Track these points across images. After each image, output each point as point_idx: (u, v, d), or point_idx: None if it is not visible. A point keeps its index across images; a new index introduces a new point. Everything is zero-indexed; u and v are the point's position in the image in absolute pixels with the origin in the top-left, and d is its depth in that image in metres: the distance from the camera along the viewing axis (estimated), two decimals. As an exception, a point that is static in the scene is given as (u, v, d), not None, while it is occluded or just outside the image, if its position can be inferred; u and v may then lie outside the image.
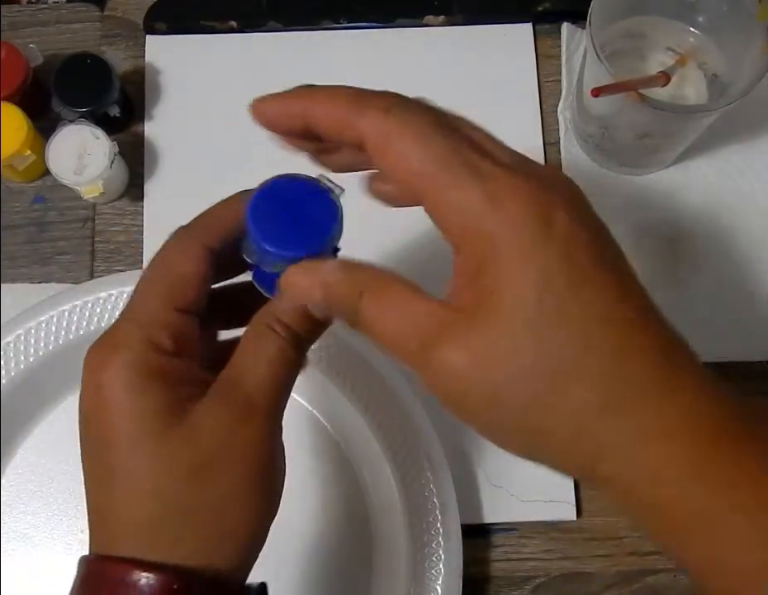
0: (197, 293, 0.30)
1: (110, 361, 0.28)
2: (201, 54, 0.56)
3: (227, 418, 0.28)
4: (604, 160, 0.53)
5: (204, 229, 0.31)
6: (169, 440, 0.28)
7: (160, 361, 0.28)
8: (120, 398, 0.28)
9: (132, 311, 0.30)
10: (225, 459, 0.28)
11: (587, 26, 0.44)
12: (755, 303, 0.52)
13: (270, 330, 0.29)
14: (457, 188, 0.26)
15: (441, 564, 0.45)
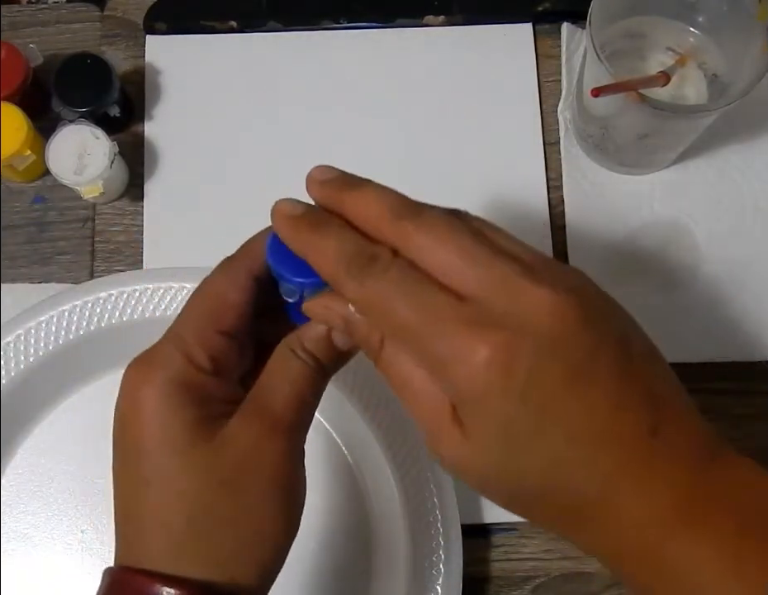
0: (239, 319, 0.31)
1: (148, 376, 0.30)
2: (201, 54, 0.56)
3: (254, 433, 0.30)
4: (604, 160, 0.53)
5: (249, 257, 0.33)
6: (199, 452, 0.29)
7: (197, 378, 0.30)
8: (156, 411, 0.29)
9: (175, 330, 0.31)
10: (250, 473, 0.29)
11: (587, 26, 0.44)
12: (755, 303, 0.52)
13: (294, 355, 0.31)
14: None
15: (441, 564, 0.45)
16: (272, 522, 0.30)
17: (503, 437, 0.27)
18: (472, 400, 0.27)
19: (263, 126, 0.54)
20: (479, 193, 0.53)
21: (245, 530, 0.29)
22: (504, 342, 0.27)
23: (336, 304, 0.30)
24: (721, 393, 0.51)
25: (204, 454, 0.29)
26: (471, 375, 0.27)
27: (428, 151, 0.54)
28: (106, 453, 0.31)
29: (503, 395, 0.27)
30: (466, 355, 0.27)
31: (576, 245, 0.52)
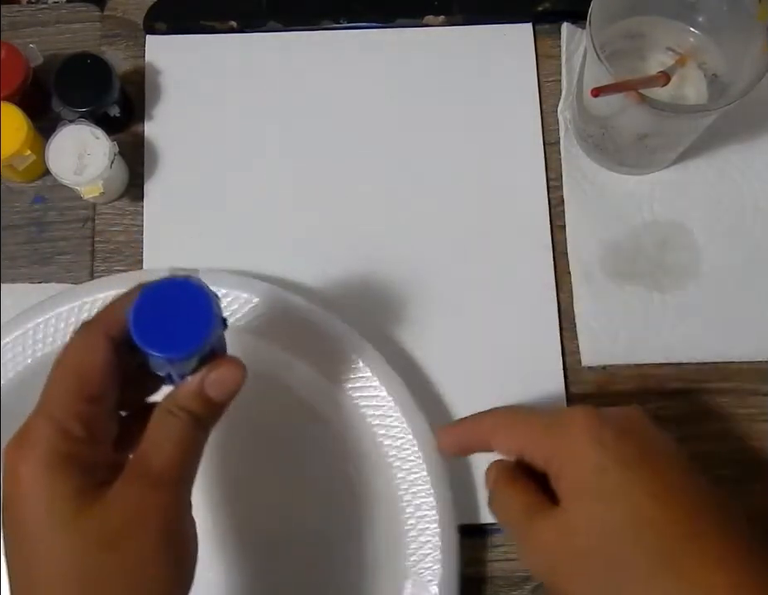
0: (104, 382, 0.32)
1: (24, 455, 0.30)
2: (201, 54, 0.56)
3: (136, 493, 0.31)
4: (604, 160, 0.53)
5: (106, 321, 0.33)
6: (82, 520, 0.30)
7: (73, 449, 0.31)
8: (35, 489, 0.30)
9: (44, 404, 0.32)
10: (135, 532, 0.30)
11: (587, 26, 0.44)
12: (755, 303, 0.52)
13: (171, 415, 0.32)
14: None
15: (438, 564, 0.45)
16: (163, 578, 0.31)
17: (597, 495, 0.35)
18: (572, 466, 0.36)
19: (262, 126, 0.54)
20: (479, 193, 0.53)
21: (137, 589, 0.30)
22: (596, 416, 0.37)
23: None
24: (721, 393, 0.51)
25: (88, 522, 0.30)
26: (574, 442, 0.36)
27: (427, 151, 0.54)
28: None
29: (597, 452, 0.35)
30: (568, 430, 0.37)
31: (576, 245, 0.52)
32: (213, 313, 0.32)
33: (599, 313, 0.51)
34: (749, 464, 0.50)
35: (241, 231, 0.53)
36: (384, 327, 0.51)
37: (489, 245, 0.53)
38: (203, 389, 0.33)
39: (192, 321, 0.31)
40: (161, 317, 0.31)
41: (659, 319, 0.51)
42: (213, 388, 0.33)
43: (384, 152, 0.54)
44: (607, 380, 0.51)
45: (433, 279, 0.52)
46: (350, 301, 0.51)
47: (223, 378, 0.33)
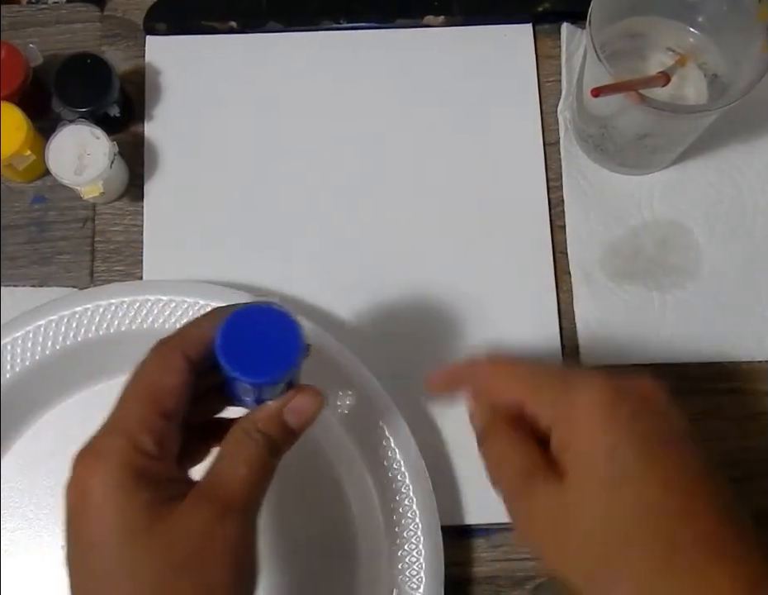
0: (178, 401, 0.32)
1: (95, 468, 0.30)
2: (201, 54, 0.56)
3: (206, 517, 0.30)
4: (604, 160, 0.53)
5: (184, 342, 0.34)
6: (151, 539, 0.30)
7: (144, 464, 0.31)
8: (105, 502, 0.30)
9: (117, 419, 0.32)
10: (203, 556, 0.30)
11: (587, 26, 0.44)
12: (755, 303, 0.52)
13: (248, 437, 0.33)
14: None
15: (422, 572, 0.45)
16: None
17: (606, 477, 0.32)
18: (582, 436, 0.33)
19: (262, 126, 0.54)
20: (479, 193, 0.53)
21: None
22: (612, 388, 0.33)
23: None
24: (721, 393, 0.51)
25: (158, 540, 0.30)
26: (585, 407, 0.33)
27: (427, 151, 0.54)
28: None
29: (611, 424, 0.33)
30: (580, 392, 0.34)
31: (575, 245, 0.52)
32: (301, 340, 0.32)
33: (599, 313, 0.51)
34: (749, 464, 0.50)
35: (241, 231, 0.53)
36: (383, 328, 0.51)
37: (489, 245, 0.53)
38: (282, 415, 0.33)
39: (280, 348, 0.32)
40: (249, 343, 0.32)
41: (659, 319, 0.51)
42: (292, 416, 0.33)
43: (384, 152, 0.54)
44: (607, 380, 0.51)
45: (432, 278, 0.52)
46: (345, 300, 0.51)
47: (303, 407, 0.33)
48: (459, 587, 0.48)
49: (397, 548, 0.46)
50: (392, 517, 0.46)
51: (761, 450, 0.50)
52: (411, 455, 0.46)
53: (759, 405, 0.51)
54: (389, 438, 0.46)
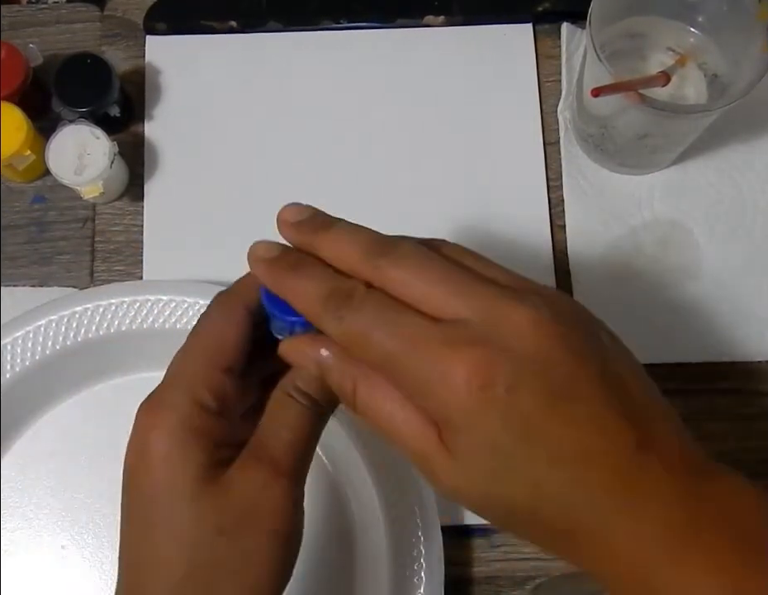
0: (239, 354, 0.32)
1: (158, 420, 0.30)
2: (201, 54, 0.56)
3: (254, 482, 0.30)
4: (604, 160, 0.53)
5: (244, 293, 0.33)
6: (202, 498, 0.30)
7: (205, 421, 0.30)
8: (165, 456, 0.30)
9: (180, 372, 0.32)
10: (250, 522, 0.30)
11: (587, 26, 0.44)
12: (755, 303, 0.52)
13: (290, 398, 0.32)
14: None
15: (422, 572, 0.45)
16: (271, 569, 0.30)
17: (489, 458, 0.28)
18: (456, 421, 0.27)
19: (262, 126, 0.54)
20: (479, 193, 0.53)
21: (244, 577, 0.30)
22: (485, 360, 0.27)
23: (309, 348, 0.31)
24: (721, 393, 0.51)
25: (208, 503, 0.30)
26: (453, 395, 0.27)
27: (427, 151, 0.54)
28: (85, 467, 0.31)
29: (484, 414, 0.27)
30: (447, 375, 0.27)
31: (575, 245, 0.52)
32: None
33: (599, 313, 0.51)
34: (749, 463, 0.50)
35: (241, 231, 0.53)
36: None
37: (489, 245, 0.53)
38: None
39: None
40: None
41: (659, 319, 0.51)
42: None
43: (384, 151, 0.54)
44: (607, 380, 0.51)
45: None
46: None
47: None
48: (459, 587, 0.48)
49: (397, 548, 0.46)
50: (392, 517, 0.46)
51: (761, 450, 0.50)
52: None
53: (759, 405, 0.51)
54: None
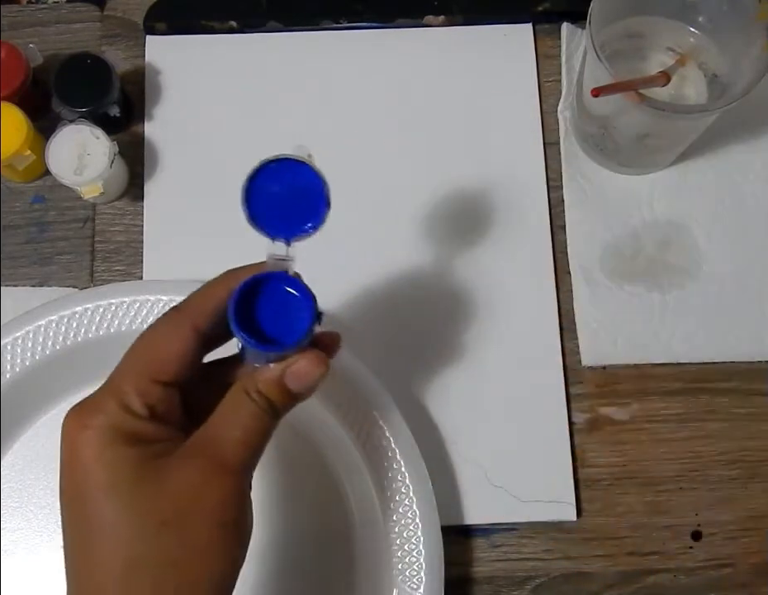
0: (178, 369, 0.32)
1: (85, 423, 0.31)
2: (201, 54, 0.56)
3: (197, 473, 0.30)
4: (604, 160, 0.53)
5: (194, 311, 0.33)
6: (140, 492, 0.30)
7: (132, 424, 0.31)
8: (94, 455, 0.30)
9: (112, 379, 0.32)
10: (192, 513, 0.30)
11: (587, 26, 0.44)
12: (755, 303, 0.52)
13: (248, 397, 0.32)
14: None
15: (422, 572, 0.45)
16: (215, 561, 0.30)
17: None
18: None
19: (262, 126, 0.54)
20: (479, 193, 0.53)
21: (187, 569, 0.30)
22: None
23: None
24: (721, 393, 0.51)
25: (144, 495, 0.30)
26: None
27: (427, 151, 0.54)
28: None
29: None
30: None
31: (575, 245, 0.52)
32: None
33: (599, 313, 0.51)
34: (749, 463, 0.50)
35: (241, 231, 0.53)
36: (382, 327, 0.51)
37: (489, 245, 0.53)
38: (284, 379, 0.32)
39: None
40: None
41: (659, 319, 0.51)
42: (293, 380, 0.32)
43: (384, 152, 0.54)
44: (607, 380, 0.51)
45: (432, 278, 0.52)
46: (345, 299, 0.51)
47: (305, 371, 0.32)
48: (459, 587, 0.48)
49: (397, 548, 0.46)
50: (392, 517, 0.46)
51: (761, 450, 0.50)
52: (411, 455, 0.46)
53: (759, 405, 0.51)
54: (389, 438, 0.46)
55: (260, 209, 0.34)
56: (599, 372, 0.51)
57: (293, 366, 0.32)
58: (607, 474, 0.50)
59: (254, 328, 0.31)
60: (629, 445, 0.50)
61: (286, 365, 0.32)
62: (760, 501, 0.49)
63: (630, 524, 0.49)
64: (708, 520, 0.49)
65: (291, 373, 0.32)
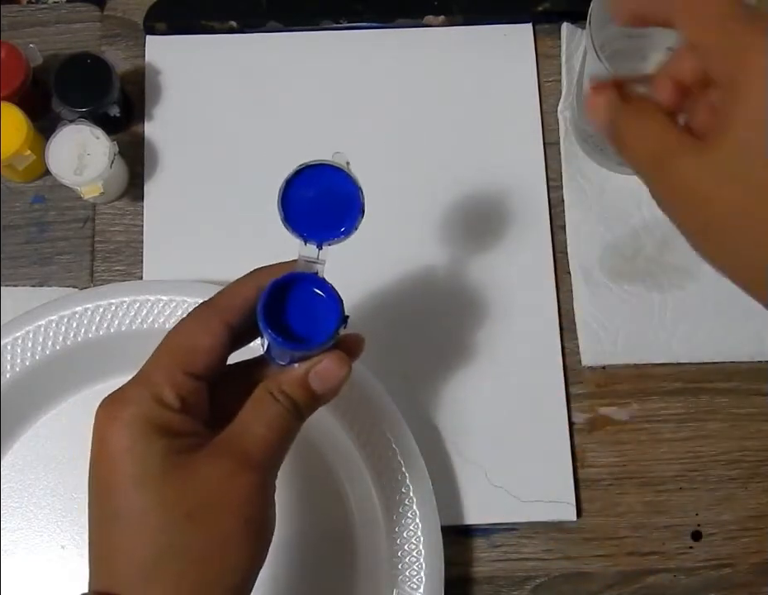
0: (209, 363, 0.33)
1: (117, 413, 0.31)
2: (201, 54, 0.56)
3: (223, 468, 0.31)
4: (605, 161, 0.53)
5: (225, 306, 0.34)
6: (167, 484, 0.30)
7: (164, 416, 0.31)
8: (124, 446, 0.31)
9: (145, 371, 0.33)
10: (217, 506, 0.30)
11: (587, 26, 0.44)
12: (755, 303, 0.52)
13: (272, 397, 0.33)
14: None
15: (422, 572, 0.45)
16: (238, 555, 0.31)
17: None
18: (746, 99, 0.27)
19: (262, 126, 0.54)
20: (479, 193, 0.53)
21: (210, 561, 0.30)
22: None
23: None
24: (721, 393, 0.51)
25: (171, 487, 0.30)
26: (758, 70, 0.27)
27: (427, 151, 0.54)
28: (85, 468, 0.31)
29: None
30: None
31: (576, 245, 0.52)
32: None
33: (599, 313, 0.51)
34: (749, 463, 0.50)
35: (241, 231, 0.53)
36: (383, 327, 0.51)
37: (489, 245, 0.53)
38: (307, 379, 0.33)
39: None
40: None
41: (659, 319, 0.51)
42: (317, 380, 0.33)
43: (384, 152, 0.54)
44: (607, 380, 0.51)
45: (432, 277, 0.52)
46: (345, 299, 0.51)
47: (328, 373, 0.33)
48: (459, 587, 0.48)
49: (397, 548, 0.46)
50: (392, 517, 0.46)
51: (761, 450, 0.50)
52: (411, 455, 0.46)
53: (759, 405, 0.51)
54: (389, 438, 0.46)
55: (295, 211, 0.34)
56: (598, 372, 0.51)
57: (317, 366, 0.33)
58: (607, 474, 0.50)
59: (282, 326, 0.32)
60: (629, 445, 0.50)
61: (310, 365, 0.33)
62: (760, 501, 0.49)
63: (630, 524, 0.49)
64: (708, 520, 0.49)
65: (315, 374, 0.33)
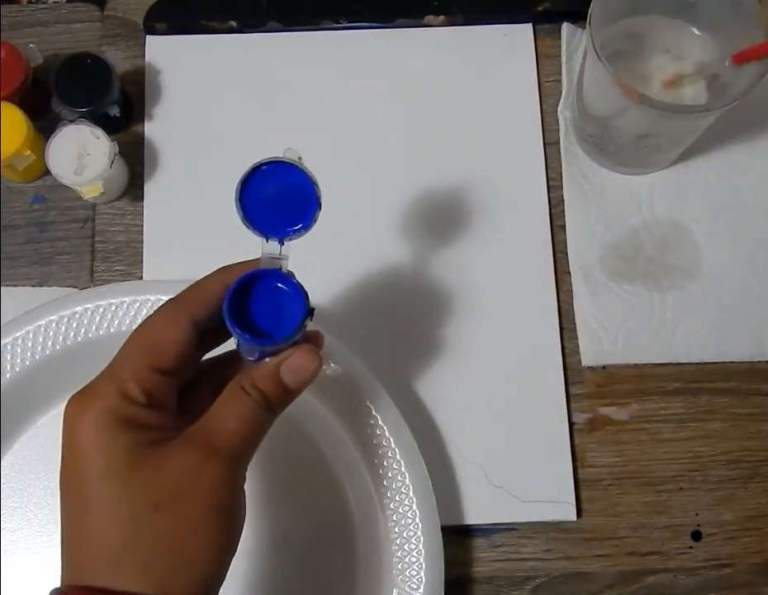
0: (176, 358, 0.33)
1: (85, 408, 0.32)
2: (201, 54, 0.56)
3: (192, 458, 0.31)
4: (604, 160, 0.53)
5: (191, 302, 0.35)
6: (135, 475, 0.31)
7: (130, 410, 0.32)
8: (91, 439, 0.31)
9: (112, 366, 0.34)
10: (185, 496, 0.31)
11: (587, 26, 0.44)
12: (755, 303, 0.52)
13: (243, 392, 0.33)
14: None
15: (422, 572, 0.45)
16: (208, 544, 0.31)
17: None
18: None
19: (262, 126, 0.54)
20: (479, 193, 0.53)
21: (179, 550, 0.30)
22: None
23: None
24: (721, 393, 0.51)
25: (139, 478, 0.31)
26: None
27: (427, 151, 0.54)
28: None
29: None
30: None
31: (576, 245, 0.52)
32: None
33: (599, 313, 0.51)
34: (749, 463, 0.50)
35: (242, 231, 0.53)
36: (383, 328, 0.51)
37: (489, 245, 0.53)
38: (279, 373, 0.33)
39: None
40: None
41: (659, 319, 0.51)
42: (288, 374, 0.34)
43: (384, 151, 0.54)
44: (607, 380, 0.51)
45: (432, 277, 0.52)
46: (346, 298, 0.51)
47: (298, 366, 0.34)
48: (459, 587, 0.48)
49: (397, 548, 0.46)
50: (392, 517, 0.46)
51: (761, 450, 0.50)
52: (411, 455, 0.46)
53: (759, 405, 0.51)
54: (389, 438, 0.46)
55: (254, 210, 0.35)
56: (598, 372, 0.51)
57: (288, 360, 0.33)
58: (607, 474, 0.50)
59: (248, 323, 0.32)
60: (629, 445, 0.50)
61: (281, 359, 0.33)
62: (760, 501, 0.49)
63: (630, 524, 0.49)
64: (708, 520, 0.49)
65: (285, 367, 0.33)
